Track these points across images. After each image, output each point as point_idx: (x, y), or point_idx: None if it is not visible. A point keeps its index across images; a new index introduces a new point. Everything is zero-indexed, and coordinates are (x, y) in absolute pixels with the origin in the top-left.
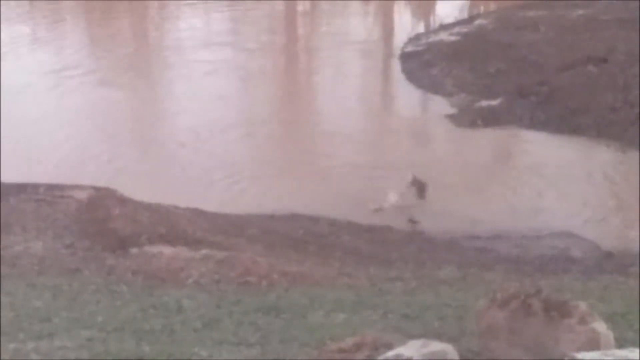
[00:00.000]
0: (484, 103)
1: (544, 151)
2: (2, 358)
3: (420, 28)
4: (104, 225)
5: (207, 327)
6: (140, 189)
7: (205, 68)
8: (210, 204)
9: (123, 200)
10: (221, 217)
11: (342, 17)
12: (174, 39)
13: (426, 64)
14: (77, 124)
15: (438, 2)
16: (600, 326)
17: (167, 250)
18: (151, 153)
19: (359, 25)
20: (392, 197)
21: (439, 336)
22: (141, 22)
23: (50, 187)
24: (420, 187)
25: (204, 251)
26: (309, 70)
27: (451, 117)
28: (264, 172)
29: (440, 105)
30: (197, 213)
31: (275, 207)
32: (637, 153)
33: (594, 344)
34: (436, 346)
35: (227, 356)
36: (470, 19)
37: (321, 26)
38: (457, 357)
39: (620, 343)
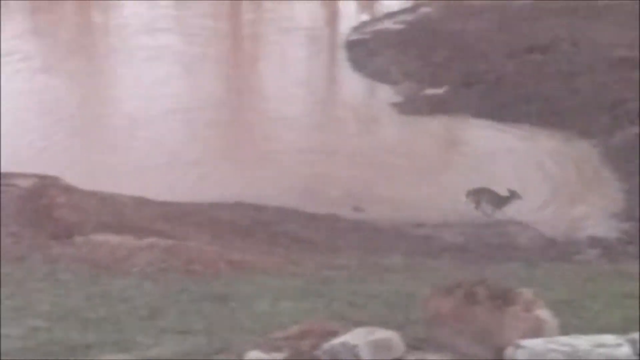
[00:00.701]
0: (430, 91)
1: (489, 139)
2: None
3: (365, 16)
4: (48, 214)
5: (153, 316)
6: (85, 176)
7: (147, 54)
8: (155, 192)
9: (68, 189)
10: (167, 205)
11: (287, 4)
12: (118, 24)
13: (372, 52)
14: (18, 111)
15: None
16: (545, 313)
17: (112, 238)
18: (94, 140)
19: (303, 12)
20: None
21: (384, 324)
22: (85, 8)
23: None
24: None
25: (149, 239)
26: (253, 57)
27: (397, 105)
28: (207, 158)
29: (386, 94)
30: (143, 201)
31: (221, 195)
32: (581, 141)
33: (538, 331)
34: (382, 334)
35: (172, 345)
36: (415, 7)
37: (266, 12)
38: (403, 345)
39: (564, 330)
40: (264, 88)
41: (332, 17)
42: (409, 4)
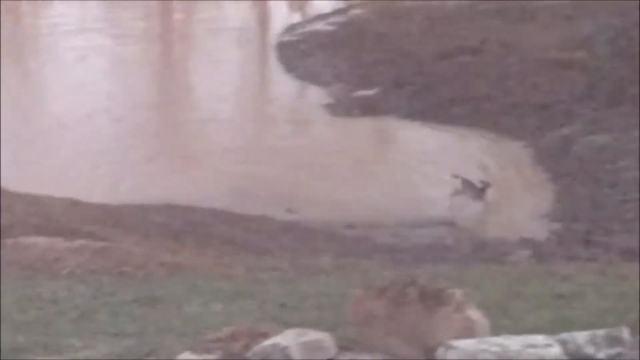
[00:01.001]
0: (361, 93)
1: (420, 140)
2: None
3: (297, 18)
4: None
5: (83, 318)
6: (14, 178)
7: (77, 54)
8: (86, 194)
9: None
10: (97, 207)
11: (217, 5)
12: (47, 25)
13: (303, 53)
14: None
15: None
16: (476, 314)
17: (42, 241)
18: (23, 142)
19: (235, 13)
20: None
21: (316, 325)
22: (14, 8)
23: None
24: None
25: (79, 241)
26: (184, 57)
27: (328, 107)
28: (137, 160)
29: (318, 95)
30: (73, 203)
31: (152, 196)
32: (512, 142)
33: (469, 331)
34: (313, 335)
35: (103, 347)
36: (346, 8)
37: (197, 12)
38: (334, 346)
39: (496, 330)
40: (195, 89)
41: (264, 19)
42: (340, 6)
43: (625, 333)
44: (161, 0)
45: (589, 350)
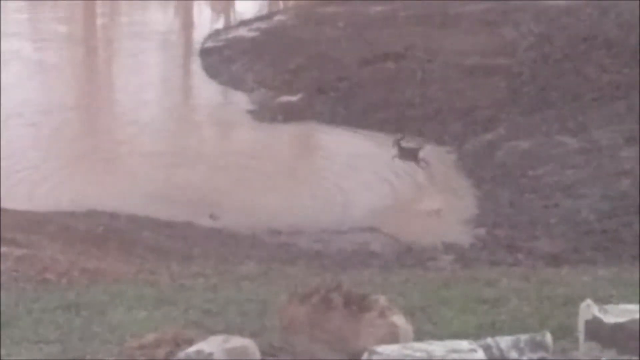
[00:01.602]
0: (284, 99)
1: (344, 146)
2: None
3: (220, 23)
4: None
5: (6, 326)
6: None
7: None
8: (7, 200)
9: None
10: (19, 214)
11: (140, 9)
12: None
13: (227, 59)
14: None
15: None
16: (400, 319)
17: None
18: None
19: (158, 18)
20: None
21: (240, 332)
22: None
23: None
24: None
25: (1, 249)
26: (106, 61)
27: (252, 113)
28: (59, 165)
29: (241, 101)
30: None
31: (74, 203)
32: (435, 148)
33: (393, 337)
34: (237, 342)
35: (26, 355)
36: (270, 14)
37: (119, 17)
38: (258, 353)
39: (419, 336)
40: (117, 93)
41: (187, 24)
42: (263, 12)
43: (548, 338)
44: (85, 0)
45: (513, 355)
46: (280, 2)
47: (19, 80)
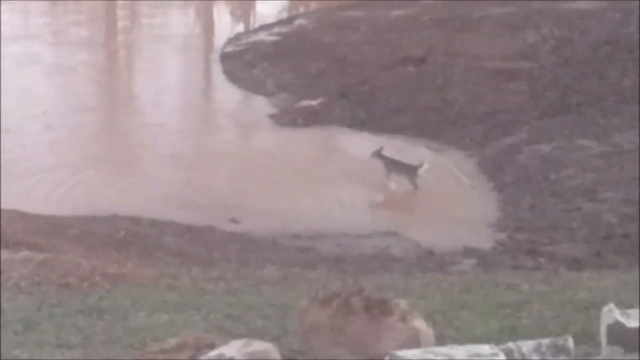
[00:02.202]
0: (305, 103)
1: (364, 150)
2: None
3: (240, 28)
4: None
5: (28, 330)
6: None
7: (17, 62)
8: (29, 205)
9: None
10: (41, 219)
11: (162, 13)
12: None
13: (247, 64)
14: None
15: (258, 1)
16: (421, 324)
17: None
18: None
19: (179, 22)
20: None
21: (261, 336)
22: None
23: None
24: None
25: (24, 253)
26: (127, 64)
27: (272, 117)
28: (80, 169)
29: (262, 105)
30: (17, 215)
31: (96, 207)
32: (456, 152)
33: (414, 341)
34: (258, 346)
35: (48, 358)
36: (291, 19)
37: (141, 19)
38: (279, 357)
39: (441, 340)
40: (137, 96)
41: (207, 28)
42: (284, 16)
43: (570, 342)
44: (107, 1)
45: (534, 359)
46: (301, 6)
47: (38, 83)
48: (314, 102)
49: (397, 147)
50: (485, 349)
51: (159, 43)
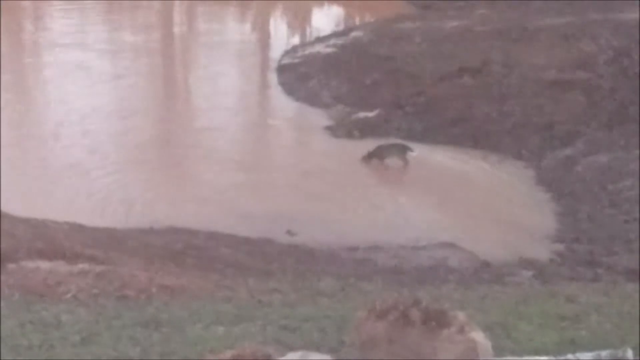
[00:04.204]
0: (361, 114)
1: (421, 162)
2: None
3: (296, 40)
4: None
5: (86, 342)
6: (13, 202)
7: (75, 70)
8: (87, 217)
9: None
10: (99, 231)
11: (220, 33)
12: (47, 40)
13: (303, 76)
14: None
15: (314, 13)
16: (479, 335)
17: (44, 265)
18: (24, 165)
19: (236, 40)
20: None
21: (318, 348)
22: (15, 22)
23: None
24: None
25: (81, 265)
26: (183, 74)
27: (329, 129)
28: (138, 181)
29: (318, 117)
30: (75, 227)
31: (153, 219)
32: (513, 163)
33: (472, 353)
34: (315, 357)
35: None
36: (346, 30)
37: (197, 25)
38: None
39: (499, 352)
40: (192, 105)
41: (263, 40)
42: (340, 28)
43: (629, 354)
44: None
45: None
46: (357, 18)
47: (92, 90)
48: (370, 114)
49: (453, 159)
50: None
51: (215, 62)
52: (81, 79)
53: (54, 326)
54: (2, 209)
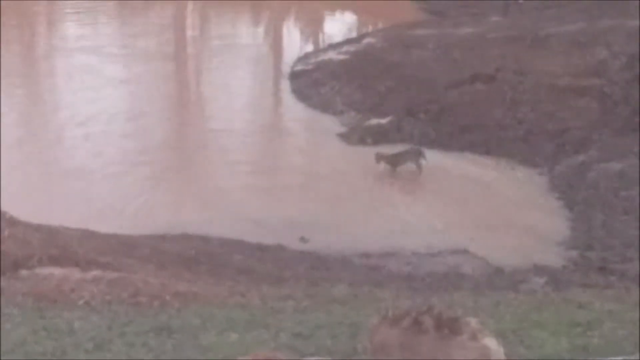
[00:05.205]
0: (374, 121)
1: (433, 169)
2: None
3: (309, 47)
4: None
5: (99, 349)
6: (29, 209)
7: (88, 74)
8: (100, 224)
9: (13, 222)
10: (112, 238)
11: (232, 38)
12: (61, 45)
13: (316, 82)
14: None
15: (326, 20)
16: (491, 342)
17: (57, 271)
18: (38, 172)
19: (249, 45)
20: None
21: (331, 354)
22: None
23: None
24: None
25: (95, 272)
26: (195, 79)
27: (341, 135)
28: (151, 189)
29: (331, 124)
30: (88, 234)
31: (166, 226)
32: (526, 169)
33: None
34: None
35: None
36: (359, 37)
37: (210, 29)
38: None
39: (511, 359)
40: (206, 111)
41: (276, 47)
42: (352, 35)
43: None
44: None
45: None
46: (370, 25)
47: (107, 93)
48: (382, 121)
49: (466, 166)
50: None
51: (226, 57)
52: (93, 82)
53: (67, 332)
54: (15, 215)
